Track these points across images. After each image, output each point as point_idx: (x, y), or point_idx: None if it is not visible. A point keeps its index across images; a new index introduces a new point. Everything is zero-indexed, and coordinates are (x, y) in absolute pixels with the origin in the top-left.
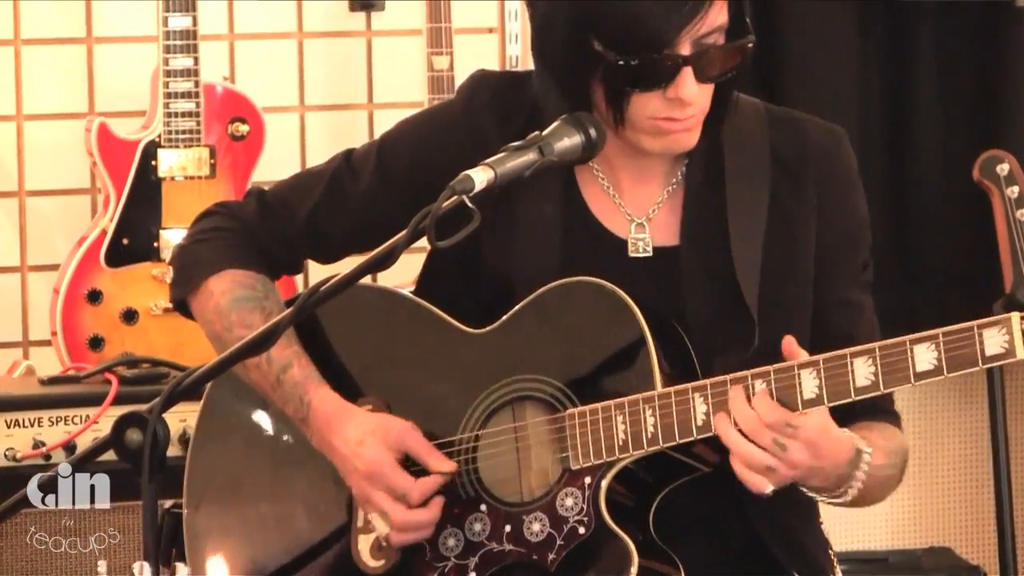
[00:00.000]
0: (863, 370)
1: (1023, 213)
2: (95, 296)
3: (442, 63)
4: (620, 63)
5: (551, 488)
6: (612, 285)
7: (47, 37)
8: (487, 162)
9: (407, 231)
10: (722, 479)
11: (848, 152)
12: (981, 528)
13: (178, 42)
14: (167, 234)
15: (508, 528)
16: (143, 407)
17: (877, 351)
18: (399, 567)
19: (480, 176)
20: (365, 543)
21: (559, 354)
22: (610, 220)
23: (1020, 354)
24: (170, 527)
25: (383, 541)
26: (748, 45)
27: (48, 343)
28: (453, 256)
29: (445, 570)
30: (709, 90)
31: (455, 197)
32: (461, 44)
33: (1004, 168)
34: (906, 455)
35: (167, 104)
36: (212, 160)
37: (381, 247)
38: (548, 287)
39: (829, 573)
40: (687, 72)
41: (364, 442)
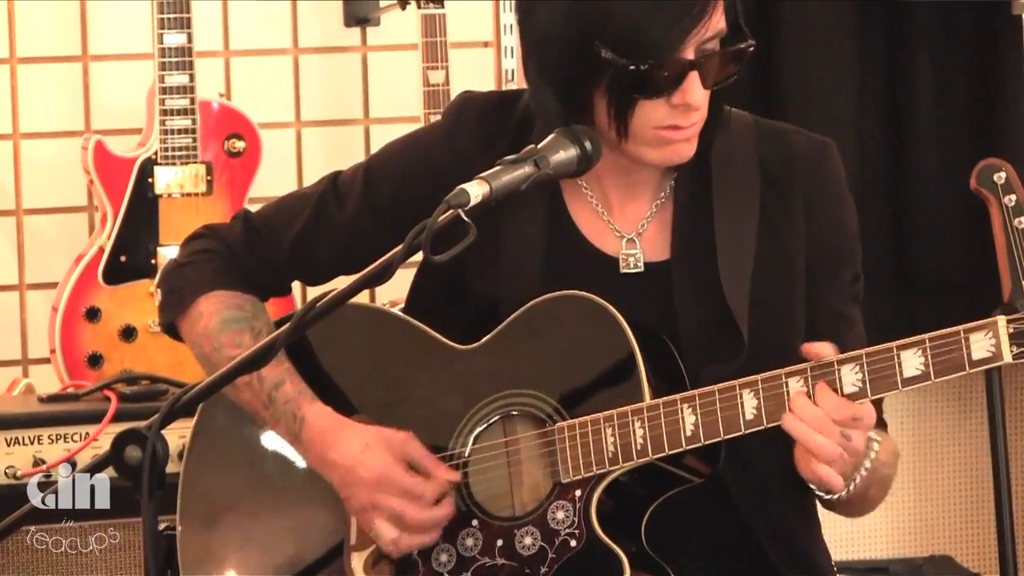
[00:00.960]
0: (851, 376)
1: (1021, 221)
2: (93, 314)
3: (438, 77)
4: (630, 68)
5: (542, 502)
6: (599, 299)
7: (43, 55)
8: (482, 176)
9: (403, 245)
10: (719, 490)
11: (836, 163)
12: (982, 536)
13: (174, 59)
14: (165, 251)
15: (500, 542)
16: (142, 424)
17: (864, 358)
18: None
19: (476, 190)
20: (359, 560)
21: (548, 368)
22: (599, 238)
23: (1007, 357)
24: (163, 548)
25: (389, 547)
26: (748, 49)
27: (47, 361)
28: (439, 277)
29: None
30: (708, 97)
31: (451, 211)
32: (457, 58)
33: (1001, 176)
34: (897, 459)
35: (163, 121)
36: (209, 177)
37: (377, 262)
38: (536, 301)
39: None
40: (693, 77)
41: (369, 449)
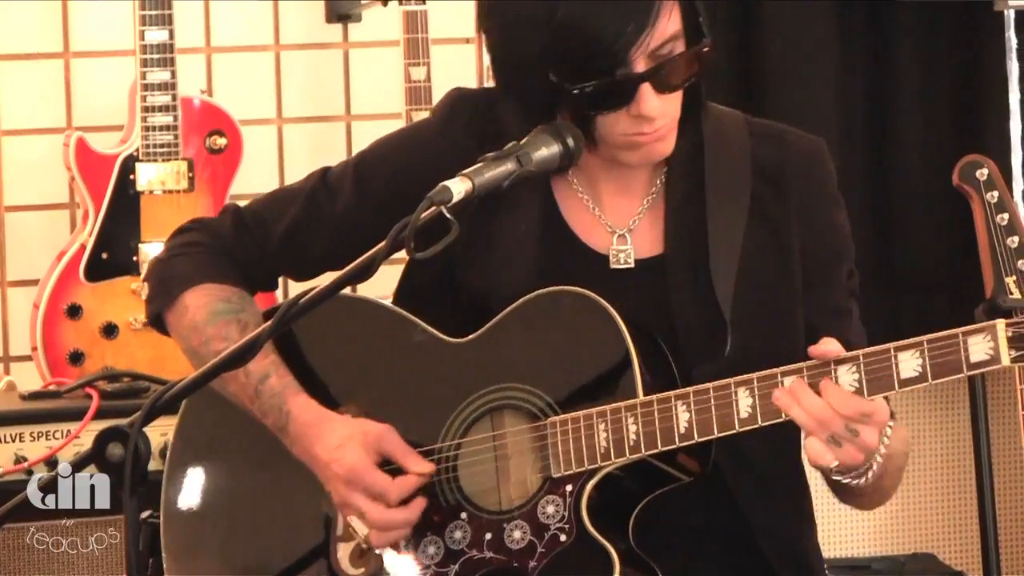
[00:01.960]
0: (847, 377)
1: (1003, 218)
2: (75, 311)
3: (419, 74)
4: (575, 92)
5: (533, 496)
6: (593, 294)
7: (24, 52)
8: (465, 172)
9: (386, 242)
10: (719, 488)
11: (829, 162)
12: (964, 534)
13: (155, 56)
14: (147, 248)
15: (489, 536)
16: (124, 421)
17: (861, 358)
18: (379, 575)
19: (458, 187)
20: (345, 551)
21: (541, 363)
22: (589, 234)
23: (1005, 361)
24: (147, 537)
25: (364, 544)
26: (705, 50)
27: (29, 358)
28: (429, 273)
29: None
30: (676, 97)
31: (433, 208)
32: (438, 55)
33: (984, 173)
34: (908, 451)
35: (145, 118)
36: (190, 173)
37: (360, 258)
38: (530, 296)
39: None
40: (646, 88)
41: (343, 446)
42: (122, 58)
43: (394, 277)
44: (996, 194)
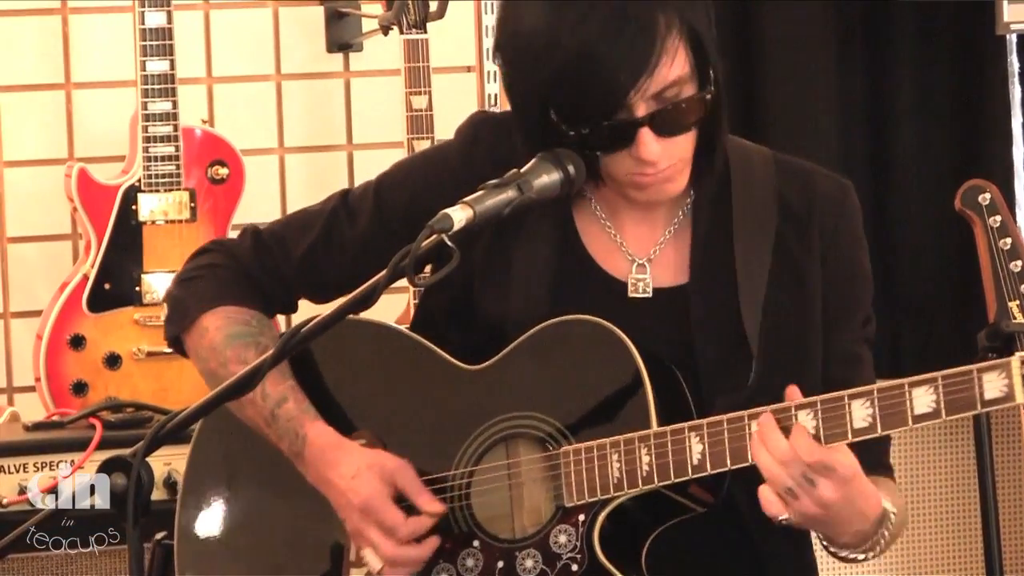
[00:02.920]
0: (861, 412)
1: (1006, 242)
2: (78, 341)
3: (421, 102)
4: (572, 134)
5: (545, 525)
6: (609, 324)
7: (26, 83)
8: (466, 200)
9: (387, 270)
10: (720, 519)
11: (855, 205)
12: (969, 559)
13: (156, 86)
14: (149, 278)
15: (501, 564)
16: (127, 451)
17: (875, 393)
18: None
19: (459, 215)
20: (357, 573)
21: (555, 392)
22: (609, 261)
23: (1020, 398)
24: (160, 559)
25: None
26: (707, 97)
27: (32, 389)
28: (445, 299)
29: None
30: (682, 140)
31: (434, 236)
32: (440, 83)
33: (986, 197)
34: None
35: (146, 148)
36: (192, 204)
37: (361, 287)
38: (545, 324)
39: None
40: (645, 132)
41: (359, 476)
42: (123, 89)
43: (395, 305)
44: (999, 219)
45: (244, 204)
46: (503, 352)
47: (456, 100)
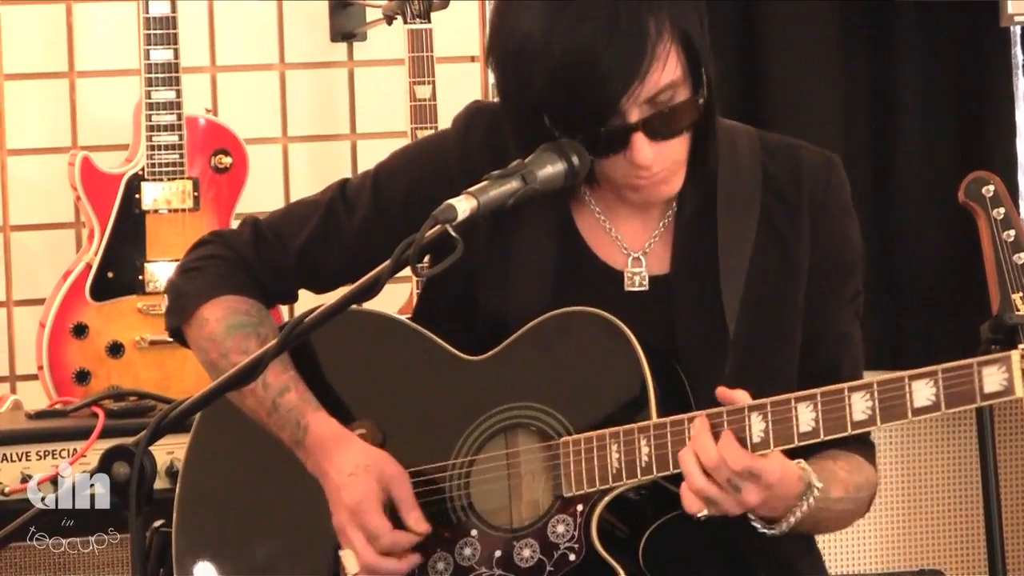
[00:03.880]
0: (861, 404)
1: (1009, 235)
2: (81, 330)
3: (424, 92)
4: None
5: (543, 515)
6: (610, 316)
7: (30, 72)
8: (470, 191)
9: (391, 261)
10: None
11: (843, 179)
12: (971, 550)
13: (160, 75)
14: (152, 267)
15: (498, 553)
16: (130, 440)
17: (875, 386)
18: None
19: (463, 205)
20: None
21: (556, 383)
22: (606, 254)
23: (1019, 392)
24: (158, 546)
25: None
26: (699, 100)
27: (35, 377)
28: (447, 289)
29: None
30: (676, 143)
31: (438, 227)
32: (443, 73)
33: (990, 190)
34: (872, 488)
35: (150, 137)
36: (196, 192)
37: (365, 277)
38: (547, 316)
39: None
40: (638, 137)
41: (356, 475)
42: (127, 77)
43: (397, 294)
44: (1002, 211)
45: (247, 193)
46: (504, 343)
47: (460, 90)
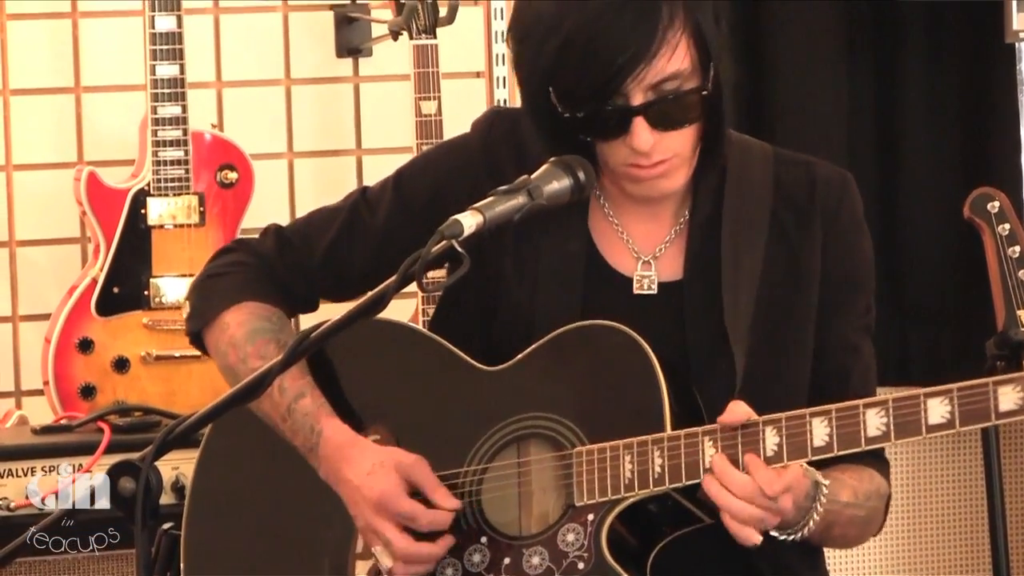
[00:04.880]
0: (875, 421)
1: (1014, 250)
2: (86, 345)
3: (430, 108)
4: (574, 115)
5: (554, 523)
6: (629, 330)
7: (36, 87)
8: (476, 206)
9: (397, 276)
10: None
11: (856, 195)
12: (977, 566)
13: (166, 90)
14: (157, 282)
15: (507, 560)
16: (136, 455)
17: (890, 403)
18: None
19: (469, 220)
20: (363, 568)
21: (571, 394)
22: (616, 257)
23: None
24: (166, 548)
25: (386, 573)
26: (702, 93)
27: (40, 392)
28: (469, 299)
29: None
30: (679, 136)
31: (444, 242)
32: (449, 89)
33: (995, 205)
34: (883, 498)
35: (156, 152)
36: (201, 208)
37: (371, 292)
38: (564, 329)
39: None
40: (639, 122)
41: (374, 472)
42: (133, 93)
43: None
44: (1008, 227)
45: (253, 209)
46: (522, 354)
47: (465, 105)
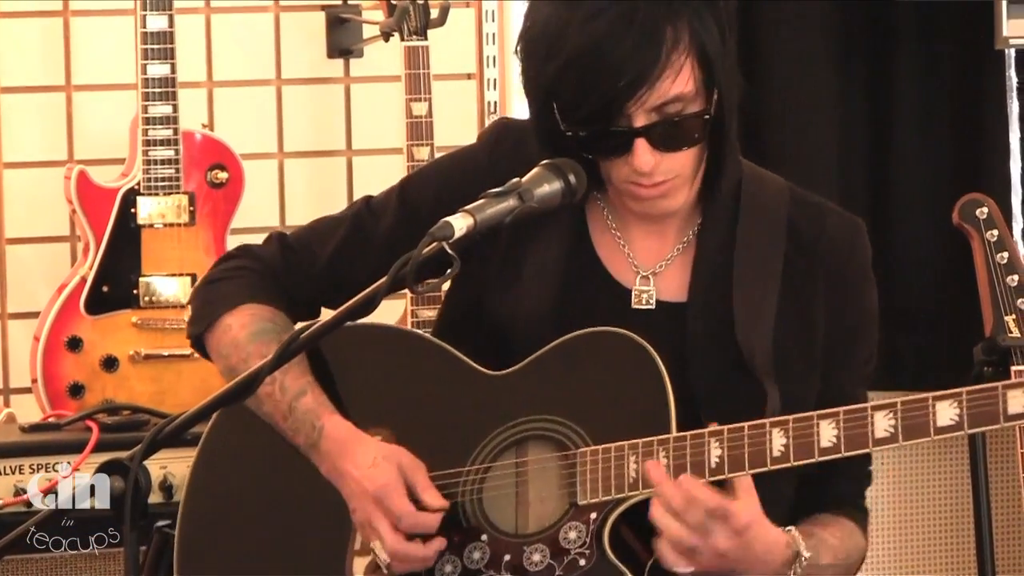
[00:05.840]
0: (883, 422)
1: (1003, 257)
2: (75, 343)
3: (421, 109)
4: (576, 134)
5: (556, 521)
6: (636, 336)
7: (26, 85)
8: (467, 208)
9: (387, 277)
10: None
11: (865, 245)
12: (963, 573)
13: (157, 89)
14: (147, 281)
15: (508, 557)
16: (124, 454)
17: (899, 405)
18: None
19: (460, 223)
20: (360, 565)
21: (576, 397)
22: (617, 269)
23: None
24: (159, 546)
25: (385, 570)
26: (705, 117)
27: (28, 390)
28: (462, 303)
29: None
30: (681, 156)
31: (435, 244)
32: (440, 90)
33: (984, 212)
34: (861, 555)
35: (146, 151)
36: (191, 207)
37: (362, 294)
38: (573, 335)
39: None
40: (640, 143)
41: (376, 465)
42: (124, 92)
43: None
44: (996, 233)
45: (243, 209)
46: (528, 359)
47: (456, 107)
